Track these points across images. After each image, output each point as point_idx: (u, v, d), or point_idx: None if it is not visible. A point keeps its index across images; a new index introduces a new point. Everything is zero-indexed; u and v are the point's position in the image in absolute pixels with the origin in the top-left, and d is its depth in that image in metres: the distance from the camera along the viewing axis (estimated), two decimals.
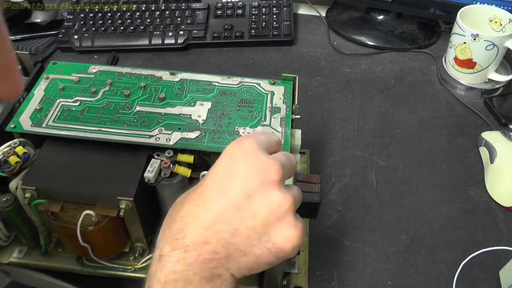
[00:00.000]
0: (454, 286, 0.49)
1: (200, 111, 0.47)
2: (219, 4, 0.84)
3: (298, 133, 0.47)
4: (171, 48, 0.79)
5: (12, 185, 0.43)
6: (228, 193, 0.31)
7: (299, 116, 0.48)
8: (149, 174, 0.42)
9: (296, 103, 0.48)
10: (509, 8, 0.70)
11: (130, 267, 0.47)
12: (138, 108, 0.47)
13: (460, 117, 0.68)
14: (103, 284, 0.48)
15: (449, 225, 0.55)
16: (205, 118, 0.46)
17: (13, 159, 0.42)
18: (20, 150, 0.43)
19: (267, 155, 0.32)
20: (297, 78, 0.50)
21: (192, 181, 0.45)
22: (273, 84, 0.50)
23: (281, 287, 0.46)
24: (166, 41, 0.79)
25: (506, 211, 0.56)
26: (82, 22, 0.82)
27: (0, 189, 0.44)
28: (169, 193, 0.45)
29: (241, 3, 0.84)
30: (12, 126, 0.44)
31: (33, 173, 0.42)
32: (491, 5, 0.71)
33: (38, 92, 0.48)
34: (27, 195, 0.41)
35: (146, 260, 0.47)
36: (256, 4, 0.84)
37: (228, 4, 0.84)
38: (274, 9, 0.83)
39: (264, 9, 0.83)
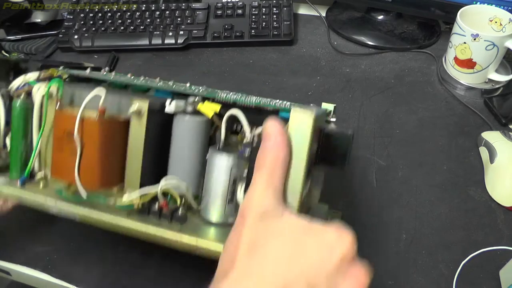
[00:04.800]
0: (454, 286, 0.49)
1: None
2: (219, 4, 0.84)
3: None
4: (171, 48, 0.79)
5: (36, 87, 0.43)
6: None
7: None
8: (171, 104, 0.40)
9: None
10: (509, 8, 0.70)
11: (112, 198, 0.40)
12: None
13: (460, 117, 0.68)
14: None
15: (449, 225, 0.55)
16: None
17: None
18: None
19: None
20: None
21: (213, 126, 0.41)
22: None
23: None
24: (166, 41, 0.79)
25: (506, 211, 0.56)
26: (82, 22, 0.82)
27: None
28: (184, 130, 0.41)
29: (241, 3, 0.84)
30: None
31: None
32: (491, 5, 0.71)
33: None
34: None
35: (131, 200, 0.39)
36: (256, 4, 0.84)
37: (228, 4, 0.84)
38: (274, 9, 0.83)
39: (264, 9, 0.83)
